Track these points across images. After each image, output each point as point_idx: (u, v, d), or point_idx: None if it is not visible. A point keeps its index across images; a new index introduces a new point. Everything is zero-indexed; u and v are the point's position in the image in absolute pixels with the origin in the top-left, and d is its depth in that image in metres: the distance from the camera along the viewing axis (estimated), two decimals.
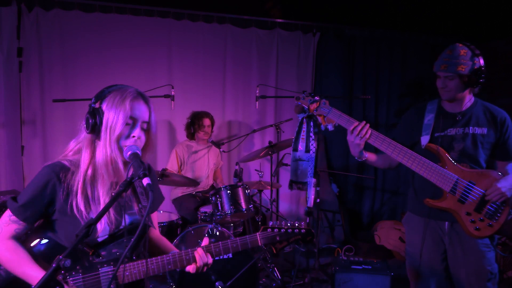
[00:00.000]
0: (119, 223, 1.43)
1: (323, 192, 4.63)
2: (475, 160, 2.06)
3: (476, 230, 1.97)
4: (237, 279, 2.62)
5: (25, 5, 3.68)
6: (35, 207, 1.35)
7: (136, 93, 1.42)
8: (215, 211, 3.22)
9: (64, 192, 1.36)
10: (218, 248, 1.52)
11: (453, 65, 1.98)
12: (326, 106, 2.14)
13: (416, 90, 4.94)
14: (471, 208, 1.98)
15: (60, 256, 1.11)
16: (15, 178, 3.72)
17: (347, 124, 2.07)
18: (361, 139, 2.02)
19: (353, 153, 2.15)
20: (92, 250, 1.45)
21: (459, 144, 2.07)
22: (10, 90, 3.68)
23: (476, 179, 1.98)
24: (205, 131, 3.90)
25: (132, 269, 1.40)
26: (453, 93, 2.05)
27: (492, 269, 2.05)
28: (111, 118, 1.35)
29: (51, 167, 1.37)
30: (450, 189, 1.99)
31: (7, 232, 1.35)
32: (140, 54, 4.10)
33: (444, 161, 2.03)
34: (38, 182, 1.35)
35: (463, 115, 2.10)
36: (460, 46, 2.01)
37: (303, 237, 1.62)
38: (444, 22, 4.77)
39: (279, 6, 4.61)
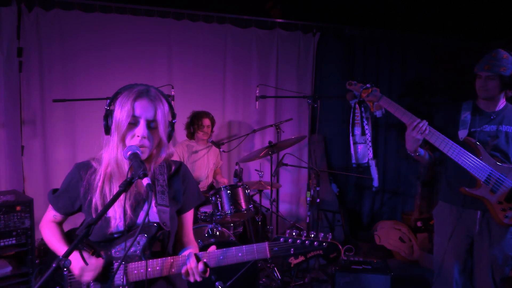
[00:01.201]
0: (133, 222, 1.44)
1: (323, 192, 4.63)
2: (505, 155, 2.24)
3: (506, 217, 2.15)
4: (237, 279, 2.62)
5: (25, 5, 3.68)
6: (64, 200, 1.50)
7: (140, 91, 1.39)
8: (215, 211, 3.22)
9: (85, 188, 1.45)
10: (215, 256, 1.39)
11: (496, 67, 2.17)
12: (377, 92, 2.27)
13: (416, 90, 4.95)
14: (502, 198, 2.15)
15: (60, 256, 1.11)
16: (15, 178, 3.72)
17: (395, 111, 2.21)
18: (421, 134, 2.15)
19: (409, 148, 2.26)
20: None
21: (493, 140, 2.25)
22: (10, 90, 3.68)
23: (507, 173, 2.16)
24: (205, 131, 3.90)
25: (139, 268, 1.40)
26: (492, 93, 2.23)
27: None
28: (117, 119, 1.37)
29: (77, 165, 1.50)
30: (484, 178, 2.16)
31: (49, 217, 1.54)
32: (140, 54, 4.10)
33: (480, 153, 2.20)
34: (66, 179, 1.51)
35: (497, 115, 2.29)
36: (502, 51, 2.21)
37: (325, 253, 1.29)
38: (444, 22, 4.77)
39: (279, 6, 4.61)
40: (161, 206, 1.44)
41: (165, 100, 1.45)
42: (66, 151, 3.83)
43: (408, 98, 5.01)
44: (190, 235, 1.62)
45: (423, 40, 5.01)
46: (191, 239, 1.62)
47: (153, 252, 1.45)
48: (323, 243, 1.30)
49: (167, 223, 1.44)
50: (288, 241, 1.30)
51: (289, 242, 1.30)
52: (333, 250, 1.28)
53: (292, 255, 1.29)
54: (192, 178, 1.62)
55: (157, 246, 1.49)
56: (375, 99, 2.27)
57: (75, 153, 3.87)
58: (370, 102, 2.30)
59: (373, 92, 2.28)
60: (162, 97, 1.44)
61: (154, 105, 1.39)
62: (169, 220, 1.45)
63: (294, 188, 4.87)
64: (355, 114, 2.46)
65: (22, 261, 3.07)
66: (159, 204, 1.44)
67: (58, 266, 1.11)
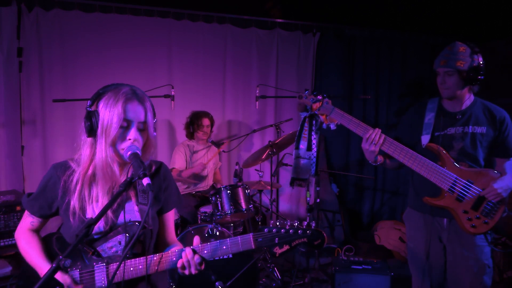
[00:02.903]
0: (114, 222, 1.42)
1: (323, 192, 4.63)
2: (474, 158, 2.09)
3: (472, 227, 2.03)
4: (237, 279, 2.62)
5: (25, 5, 3.68)
6: (40, 202, 1.45)
7: (130, 93, 1.38)
8: (215, 211, 3.22)
9: (62, 190, 1.42)
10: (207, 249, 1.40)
11: (452, 61, 2.01)
12: (328, 105, 2.16)
13: (416, 90, 4.95)
14: (468, 206, 2.02)
15: (60, 256, 1.11)
16: (15, 178, 3.72)
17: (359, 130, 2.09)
18: (375, 146, 2.06)
19: (368, 159, 2.20)
20: (92, 250, 1.45)
21: (459, 143, 2.10)
22: (10, 90, 3.68)
23: (474, 178, 2.02)
24: (204, 131, 3.90)
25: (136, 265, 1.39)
26: (453, 90, 2.07)
27: (489, 263, 2.11)
28: (105, 122, 1.33)
29: (54, 166, 1.46)
30: (448, 188, 2.03)
31: (25, 225, 1.48)
32: (140, 54, 4.10)
33: (444, 160, 2.07)
34: (43, 180, 1.46)
35: (463, 114, 2.12)
36: (459, 44, 2.05)
37: (310, 240, 1.32)
38: (444, 22, 4.77)
39: (279, 6, 4.61)
40: (143, 205, 1.42)
41: (148, 99, 1.44)
42: (66, 151, 3.82)
43: (408, 98, 5.00)
44: (172, 235, 1.60)
45: (423, 40, 5.01)
46: (175, 239, 1.60)
47: (133, 254, 1.42)
48: (307, 231, 1.32)
49: (149, 222, 1.44)
50: (273, 231, 1.31)
51: (273, 232, 1.31)
52: (317, 237, 1.31)
53: (277, 244, 1.31)
54: (172, 179, 1.60)
55: (138, 248, 1.45)
56: (327, 112, 2.16)
57: (75, 153, 3.86)
58: (322, 115, 2.19)
59: (324, 105, 2.16)
60: (146, 97, 1.44)
61: (144, 107, 1.40)
62: (151, 219, 1.45)
63: (294, 188, 4.85)
64: (303, 128, 2.32)
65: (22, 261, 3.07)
66: (140, 203, 1.42)
67: (58, 266, 1.11)
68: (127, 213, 1.43)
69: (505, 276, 3.59)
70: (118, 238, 1.41)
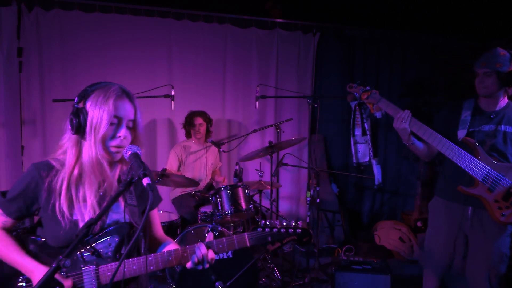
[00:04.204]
0: (103, 222, 1.42)
1: (323, 192, 4.63)
2: (503, 154, 2.26)
3: (502, 216, 2.18)
4: (237, 279, 2.62)
5: (25, 5, 3.68)
6: (19, 203, 1.37)
7: (120, 91, 1.38)
8: (215, 211, 3.22)
9: (46, 191, 1.37)
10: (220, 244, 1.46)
11: (493, 63, 2.21)
12: (376, 95, 2.36)
13: (416, 90, 4.94)
14: (499, 196, 2.18)
15: (60, 256, 1.11)
16: (15, 178, 3.71)
17: (394, 112, 2.31)
18: (403, 122, 2.26)
19: (402, 138, 2.37)
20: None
21: (491, 139, 2.28)
22: (10, 90, 3.68)
23: (505, 172, 2.19)
24: (196, 130, 3.90)
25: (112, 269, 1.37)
26: (490, 89, 2.26)
27: (507, 253, 2.27)
28: (95, 119, 1.33)
29: (36, 166, 1.39)
30: (482, 178, 2.21)
31: None
32: (140, 54, 4.10)
33: (478, 153, 2.24)
34: (23, 180, 1.38)
35: (497, 114, 2.30)
36: (500, 49, 2.25)
37: (299, 238, 1.44)
38: (444, 22, 4.77)
39: (279, 6, 4.61)
40: (131, 206, 1.42)
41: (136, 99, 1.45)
42: None
43: (408, 98, 5.00)
44: (161, 230, 1.64)
45: (423, 40, 5.01)
46: (163, 235, 1.63)
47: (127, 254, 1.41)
48: (296, 230, 1.45)
49: (138, 222, 1.42)
50: (266, 230, 1.43)
51: (266, 231, 1.43)
52: (305, 235, 1.44)
53: (269, 242, 1.42)
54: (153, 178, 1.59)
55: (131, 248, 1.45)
56: (374, 101, 2.37)
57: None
58: (369, 104, 2.40)
59: (373, 95, 2.36)
60: (134, 96, 1.45)
61: (134, 106, 1.41)
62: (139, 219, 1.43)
63: (294, 188, 4.87)
64: (355, 116, 2.51)
65: None
66: (129, 204, 1.42)
67: (58, 266, 1.11)
68: (115, 214, 1.43)
69: None
70: (108, 240, 1.40)
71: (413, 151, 2.48)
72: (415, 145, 2.40)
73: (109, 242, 1.39)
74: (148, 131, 4.24)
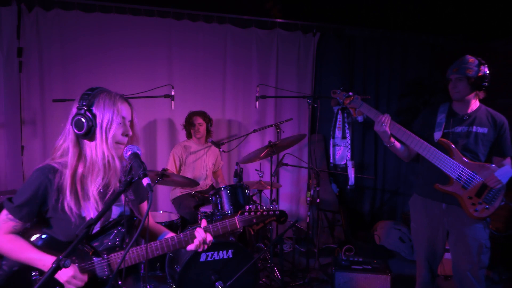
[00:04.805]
0: (109, 216, 1.54)
1: (323, 192, 4.63)
2: (475, 154, 2.43)
3: (476, 211, 2.36)
4: (237, 279, 2.62)
5: (25, 5, 3.68)
6: (29, 207, 1.45)
7: (120, 96, 1.54)
8: (215, 211, 3.22)
9: (55, 192, 1.44)
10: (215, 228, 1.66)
11: (463, 69, 2.40)
12: (358, 100, 2.54)
13: (416, 90, 4.95)
14: (472, 193, 2.36)
15: (60, 256, 1.11)
16: (15, 178, 3.72)
17: (374, 116, 2.47)
18: (383, 126, 2.43)
19: (383, 139, 2.53)
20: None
21: (463, 140, 2.44)
22: (10, 90, 3.68)
23: (478, 170, 2.36)
24: (196, 129, 3.90)
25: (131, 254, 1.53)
26: (462, 93, 2.43)
27: (486, 244, 2.41)
28: (106, 120, 1.45)
29: (41, 170, 1.46)
30: (456, 176, 2.37)
31: (6, 228, 1.46)
32: (140, 54, 4.10)
33: (453, 153, 2.41)
34: (31, 185, 1.44)
35: (469, 116, 2.48)
36: (469, 56, 2.44)
37: (277, 218, 1.79)
38: (444, 22, 4.77)
39: (279, 6, 4.61)
40: (132, 201, 1.62)
41: None
42: None
43: (408, 98, 5.00)
44: (152, 219, 1.85)
45: (423, 40, 5.01)
46: (156, 224, 1.84)
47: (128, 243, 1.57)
48: (275, 212, 1.80)
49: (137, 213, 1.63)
50: (251, 214, 1.76)
51: (251, 214, 1.76)
52: (282, 215, 1.80)
53: (254, 223, 1.76)
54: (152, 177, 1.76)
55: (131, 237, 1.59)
56: (356, 105, 2.53)
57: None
58: (352, 108, 2.56)
59: (355, 100, 2.53)
60: None
61: (131, 108, 1.57)
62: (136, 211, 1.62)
63: (294, 188, 4.87)
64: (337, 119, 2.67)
65: None
66: (129, 199, 1.60)
67: (58, 266, 1.11)
68: (117, 207, 1.57)
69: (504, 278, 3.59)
70: (115, 231, 1.52)
71: (394, 152, 2.64)
72: (395, 147, 2.56)
73: (116, 233, 1.52)
74: (148, 131, 4.25)
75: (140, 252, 1.54)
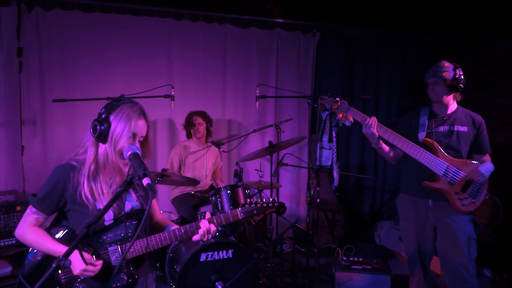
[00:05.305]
0: (121, 209, 1.67)
1: (323, 192, 4.63)
2: (457, 151, 2.57)
3: (463, 206, 2.49)
4: (237, 279, 2.63)
5: (25, 5, 3.68)
6: (50, 200, 1.61)
7: (140, 111, 1.64)
8: (215, 211, 3.22)
9: (74, 185, 1.60)
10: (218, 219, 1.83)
11: (439, 72, 2.58)
12: (345, 105, 2.65)
13: (416, 90, 4.95)
14: (458, 188, 2.50)
15: (60, 256, 1.12)
16: (15, 178, 3.72)
17: (362, 119, 2.58)
18: (370, 128, 2.53)
19: (371, 141, 2.64)
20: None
21: (446, 138, 2.58)
22: (10, 90, 3.68)
23: (461, 166, 2.51)
24: (196, 129, 3.91)
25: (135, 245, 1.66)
26: (440, 95, 2.60)
27: (473, 235, 2.54)
28: (117, 131, 1.58)
29: (61, 167, 1.64)
30: (442, 173, 2.51)
31: (30, 221, 1.62)
32: (140, 54, 4.10)
33: (437, 151, 2.54)
34: (51, 180, 1.61)
35: (449, 117, 2.64)
36: (444, 61, 2.63)
37: (276, 209, 1.91)
38: (444, 22, 4.77)
39: (279, 6, 4.61)
40: (141, 196, 1.75)
41: None
42: (66, 151, 3.82)
43: (408, 98, 5.00)
44: (160, 215, 1.96)
45: (423, 40, 5.01)
46: (163, 218, 1.96)
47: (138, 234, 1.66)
48: (274, 203, 1.92)
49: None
50: (251, 206, 1.89)
51: (252, 206, 1.89)
52: (281, 207, 1.91)
53: (255, 214, 1.89)
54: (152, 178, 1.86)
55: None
56: (344, 110, 2.65)
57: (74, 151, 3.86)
58: (339, 113, 2.69)
59: (342, 105, 2.65)
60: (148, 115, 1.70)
61: (148, 125, 1.68)
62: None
63: (294, 188, 4.87)
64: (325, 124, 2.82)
65: (22, 261, 3.07)
66: (140, 195, 1.74)
67: (58, 266, 1.11)
68: (128, 202, 1.71)
69: (505, 276, 3.59)
70: (127, 224, 1.68)
71: (381, 154, 2.75)
72: (382, 149, 2.68)
73: (128, 225, 1.68)
74: None
75: (150, 242, 1.67)
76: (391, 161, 2.80)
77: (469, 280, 2.49)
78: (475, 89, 4.27)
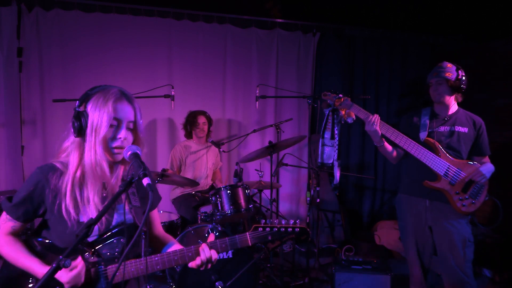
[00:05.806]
0: (109, 223, 1.44)
1: (323, 192, 4.63)
2: (457, 152, 2.57)
3: (463, 206, 2.48)
4: (237, 279, 2.63)
5: (25, 5, 3.68)
6: (26, 206, 1.40)
7: (118, 93, 1.41)
8: (215, 211, 3.22)
9: (52, 193, 1.39)
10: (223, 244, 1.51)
11: (442, 73, 2.59)
12: (348, 101, 2.65)
13: (416, 90, 4.94)
14: (459, 188, 2.49)
15: (61, 256, 1.11)
16: (15, 178, 3.72)
17: (364, 116, 2.58)
18: (373, 125, 2.53)
19: (373, 139, 2.64)
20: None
21: (447, 138, 2.59)
22: (10, 90, 3.68)
23: (462, 167, 2.50)
24: (200, 128, 3.91)
25: (130, 267, 1.41)
26: (443, 95, 2.61)
27: (469, 238, 2.53)
28: (96, 121, 1.36)
29: (41, 169, 1.42)
30: (443, 173, 2.50)
31: (5, 229, 1.42)
32: (140, 54, 4.10)
33: (438, 151, 2.54)
34: (28, 184, 1.40)
35: (450, 117, 2.65)
36: (447, 62, 2.65)
37: (297, 236, 1.52)
38: (444, 22, 4.77)
39: (279, 6, 4.61)
40: (135, 207, 1.46)
41: (136, 101, 1.47)
42: None
43: (408, 98, 5.00)
44: (161, 229, 1.69)
45: (423, 40, 5.01)
46: (164, 233, 1.68)
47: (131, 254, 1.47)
48: (295, 229, 1.51)
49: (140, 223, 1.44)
50: (266, 230, 1.50)
51: (266, 230, 1.50)
52: (303, 233, 1.51)
53: (270, 241, 1.50)
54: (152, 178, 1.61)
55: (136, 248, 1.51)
56: (346, 107, 2.65)
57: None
58: (342, 110, 2.68)
59: (345, 101, 2.65)
60: (134, 98, 1.47)
61: (133, 107, 1.44)
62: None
63: (294, 188, 4.87)
64: (328, 121, 2.79)
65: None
66: (133, 205, 1.44)
67: (58, 266, 1.11)
68: (119, 215, 1.46)
69: (505, 276, 3.59)
70: (114, 241, 1.43)
71: (383, 153, 2.75)
72: (384, 147, 2.67)
73: (115, 243, 1.42)
74: (148, 131, 4.24)
75: (139, 265, 1.41)
76: (393, 161, 2.79)
77: (466, 281, 2.48)
78: (475, 89, 4.27)
